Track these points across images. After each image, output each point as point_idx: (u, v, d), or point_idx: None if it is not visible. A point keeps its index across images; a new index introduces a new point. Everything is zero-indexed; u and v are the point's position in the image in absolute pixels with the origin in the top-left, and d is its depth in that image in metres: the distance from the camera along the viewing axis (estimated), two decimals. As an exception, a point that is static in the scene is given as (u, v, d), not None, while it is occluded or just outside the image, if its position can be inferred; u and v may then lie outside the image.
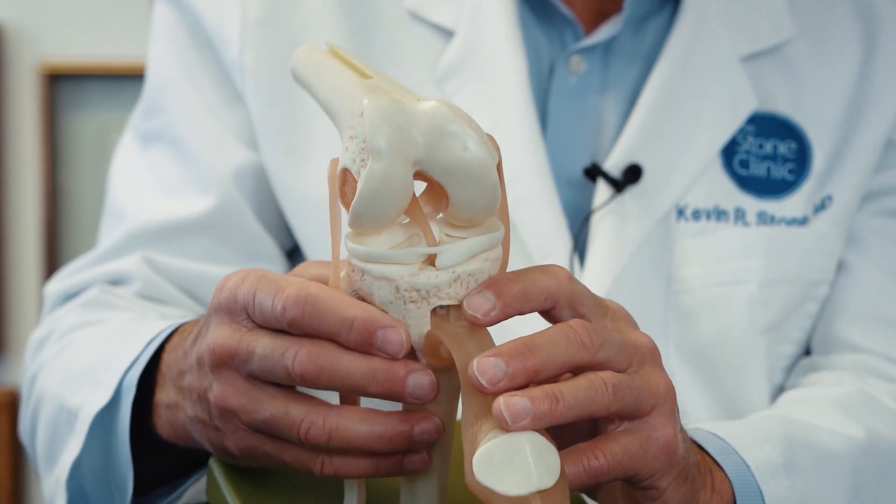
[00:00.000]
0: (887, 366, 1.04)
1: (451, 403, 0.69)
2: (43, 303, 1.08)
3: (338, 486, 0.72)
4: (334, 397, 0.69)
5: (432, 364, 0.66)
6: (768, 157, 1.06)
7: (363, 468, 0.68)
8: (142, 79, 1.11)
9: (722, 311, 1.03)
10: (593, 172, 1.02)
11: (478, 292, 0.65)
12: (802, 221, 1.05)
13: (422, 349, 0.66)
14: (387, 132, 0.62)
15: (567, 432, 0.71)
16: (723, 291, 1.03)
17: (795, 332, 1.06)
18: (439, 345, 0.66)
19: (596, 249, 1.01)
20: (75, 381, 0.91)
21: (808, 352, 1.09)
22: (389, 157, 0.62)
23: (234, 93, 1.04)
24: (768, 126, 1.06)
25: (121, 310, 1.00)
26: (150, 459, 0.85)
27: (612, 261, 1.01)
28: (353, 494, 0.70)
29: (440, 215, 0.66)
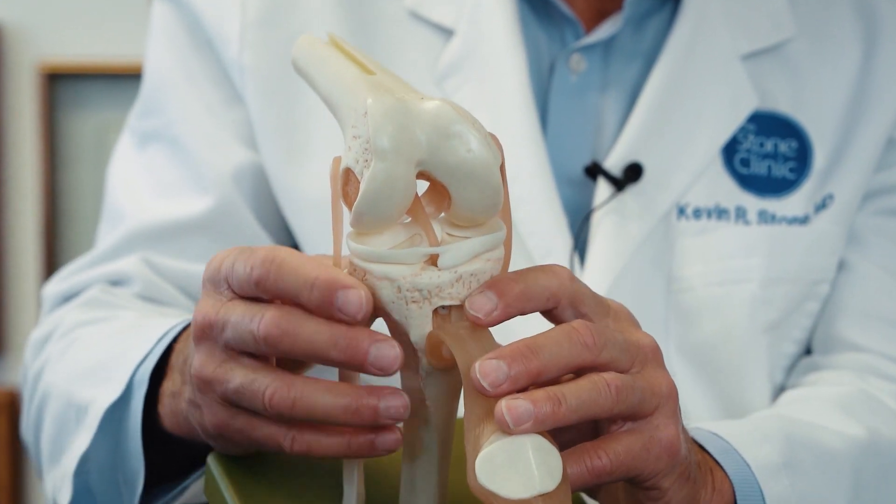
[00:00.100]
0: (888, 365, 1.04)
1: (453, 404, 0.69)
2: (41, 304, 1.08)
3: (337, 485, 0.72)
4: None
5: (434, 364, 0.66)
6: (769, 155, 1.06)
7: (334, 446, 0.67)
8: (141, 78, 1.10)
9: (723, 310, 1.03)
10: (594, 171, 1.02)
11: (479, 292, 0.65)
12: (803, 220, 1.05)
13: (423, 349, 0.66)
14: (391, 133, 0.62)
15: (569, 432, 0.71)
16: (724, 290, 1.03)
17: (796, 332, 1.06)
18: (441, 345, 0.65)
19: (596, 248, 1.01)
20: (83, 376, 0.91)
21: (808, 351, 1.08)
22: (393, 157, 0.62)
23: (233, 92, 1.04)
24: (769, 125, 1.06)
25: (123, 308, 0.99)
26: (156, 455, 0.85)
27: (613, 260, 1.01)
28: (352, 494, 0.70)
29: (442, 215, 0.66)
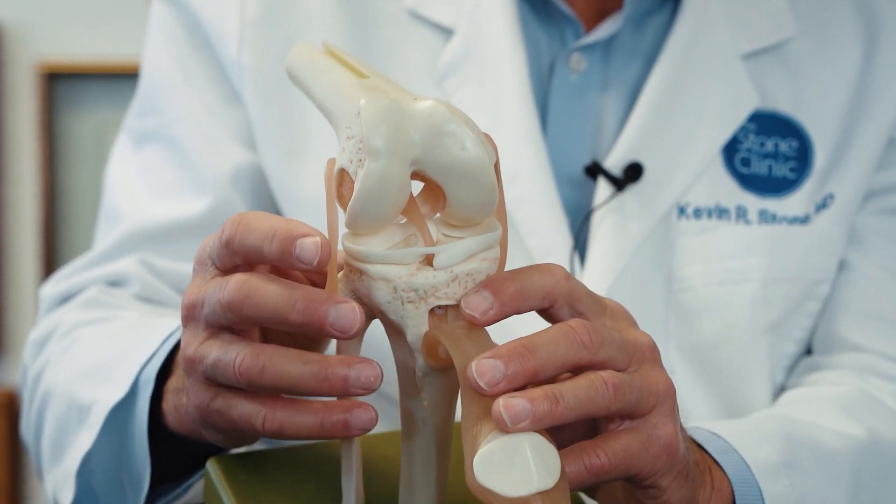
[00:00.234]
0: (888, 365, 1.03)
1: (451, 404, 0.69)
2: (38, 305, 1.08)
3: (336, 489, 0.72)
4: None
5: (431, 365, 0.66)
6: (769, 155, 1.05)
7: (307, 426, 0.66)
8: (139, 78, 1.10)
9: (723, 310, 1.02)
10: (594, 171, 1.02)
11: (475, 292, 0.65)
12: (804, 220, 1.05)
13: (420, 349, 0.66)
14: (384, 132, 0.62)
15: (567, 431, 0.71)
16: (724, 290, 1.02)
17: (797, 332, 1.06)
18: (438, 345, 0.65)
19: (596, 248, 1.01)
20: (86, 376, 0.91)
21: (809, 351, 1.08)
22: (387, 156, 0.62)
23: (231, 92, 1.04)
24: (769, 124, 1.06)
25: (123, 309, 0.99)
26: (161, 454, 0.85)
27: (613, 259, 1.00)
28: (351, 497, 0.70)
29: (438, 215, 0.66)
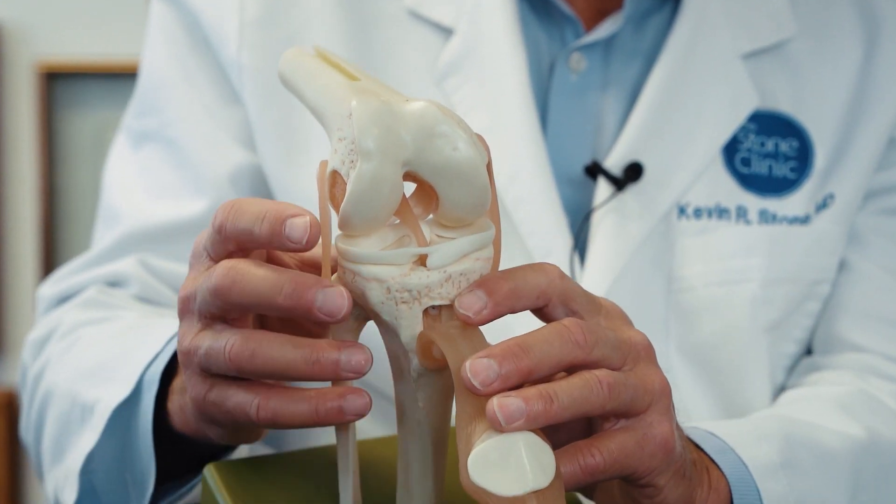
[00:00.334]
0: (888, 365, 1.03)
1: (446, 404, 0.69)
2: (36, 305, 1.08)
3: (334, 494, 0.72)
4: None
5: (426, 365, 0.66)
6: (770, 155, 1.05)
7: (301, 413, 0.66)
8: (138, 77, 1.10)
9: (723, 310, 1.02)
10: (594, 170, 1.02)
11: (469, 291, 0.65)
12: (804, 220, 1.04)
13: (415, 350, 0.66)
14: (375, 133, 0.62)
15: (562, 430, 0.71)
16: (724, 290, 1.02)
17: (797, 332, 1.06)
18: (432, 346, 0.65)
19: (596, 248, 1.01)
20: (88, 376, 0.91)
21: (809, 351, 1.08)
22: (378, 157, 0.62)
23: (231, 92, 1.04)
24: (770, 124, 1.06)
25: (122, 309, 0.99)
26: (164, 455, 0.85)
27: (613, 259, 1.00)
28: (348, 497, 0.70)
29: (431, 216, 0.66)
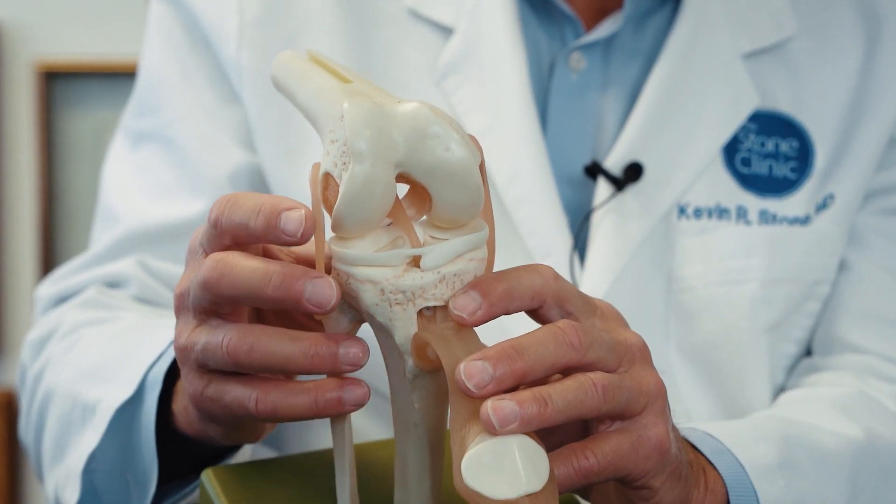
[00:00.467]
0: (888, 366, 1.03)
1: (442, 405, 0.68)
2: (34, 305, 1.08)
3: (332, 498, 0.72)
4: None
5: (420, 366, 0.66)
6: (770, 155, 1.05)
7: (301, 405, 0.66)
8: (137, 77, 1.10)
9: (723, 310, 1.02)
10: (594, 170, 1.02)
11: (463, 292, 0.65)
12: (804, 220, 1.04)
13: (409, 351, 0.66)
14: (367, 135, 0.62)
15: (558, 432, 0.71)
16: (724, 290, 1.02)
17: (797, 332, 1.05)
18: (427, 347, 0.65)
19: (596, 248, 1.01)
20: (90, 376, 0.91)
21: (809, 352, 1.08)
22: (371, 159, 0.62)
23: (230, 92, 1.04)
24: (770, 124, 1.06)
25: (122, 310, 0.99)
26: (167, 456, 0.85)
27: (613, 259, 1.00)
28: (345, 499, 0.70)
29: (424, 217, 0.66)
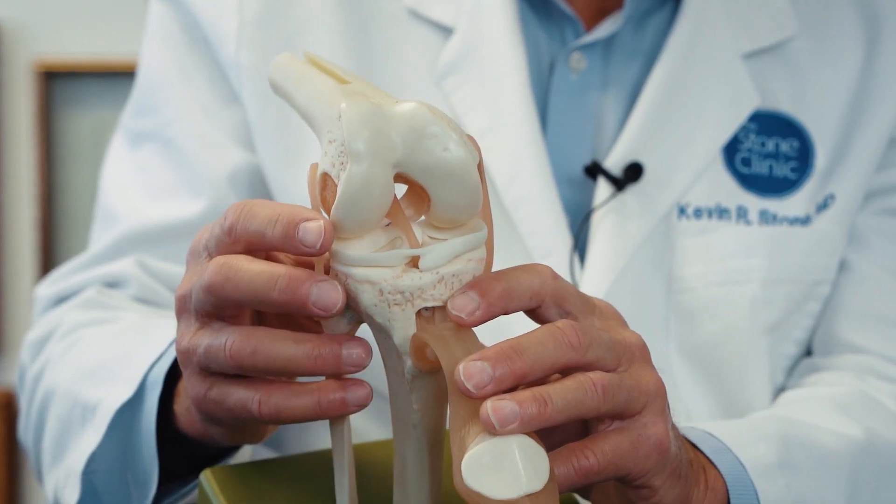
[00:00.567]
0: (888, 366, 1.03)
1: (441, 406, 0.68)
2: (34, 305, 1.08)
3: (330, 498, 0.71)
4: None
5: (420, 367, 0.66)
6: (770, 155, 1.05)
7: (304, 407, 0.66)
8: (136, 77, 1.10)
9: (724, 310, 1.02)
10: (594, 170, 1.02)
11: (461, 293, 0.65)
12: (805, 220, 1.04)
13: (408, 352, 0.66)
14: (365, 135, 0.62)
15: (558, 432, 0.71)
16: (724, 291, 1.02)
17: (797, 332, 1.05)
18: (426, 347, 0.65)
19: (596, 248, 1.00)
20: (90, 376, 0.91)
21: (809, 352, 1.08)
22: (369, 159, 0.62)
23: (229, 92, 1.04)
24: (770, 124, 1.05)
25: (122, 310, 0.99)
26: (168, 456, 0.85)
27: (613, 260, 1.00)
28: (344, 499, 0.70)
29: (422, 218, 0.66)
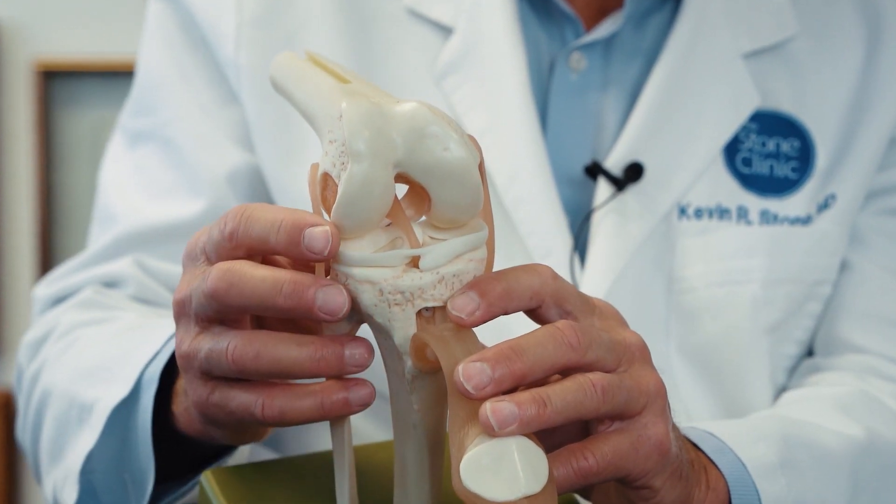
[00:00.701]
0: (889, 366, 1.03)
1: (442, 406, 0.68)
2: (32, 306, 1.08)
3: (330, 498, 0.71)
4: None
5: (420, 367, 0.66)
6: (771, 155, 1.05)
7: (308, 409, 0.66)
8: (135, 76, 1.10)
9: (724, 310, 1.02)
10: (594, 171, 1.02)
11: (461, 293, 0.65)
12: (805, 220, 1.04)
13: (408, 352, 0.65)
14: (366, 135, 0.62)
15: (558, 433, 0.71)
16: (725, 291, 1.02)
17: (798, 332, 1.05)
18: (426, 348, 0.65)
19: (597, 248, 1.00)
20: (87, 376, 0.91)
21: (811, 352, 1.08)
22: (369, 159, 0.62)
23: (228, 92, 1.04)
24: (771, 124, 1.05)
25: (120, 310, 0.99)
26: (165, 455, 0.84)
27: (613, 260, 1.00)
28: (345, 500, 0.70)
29: (423, 218, 0.66)
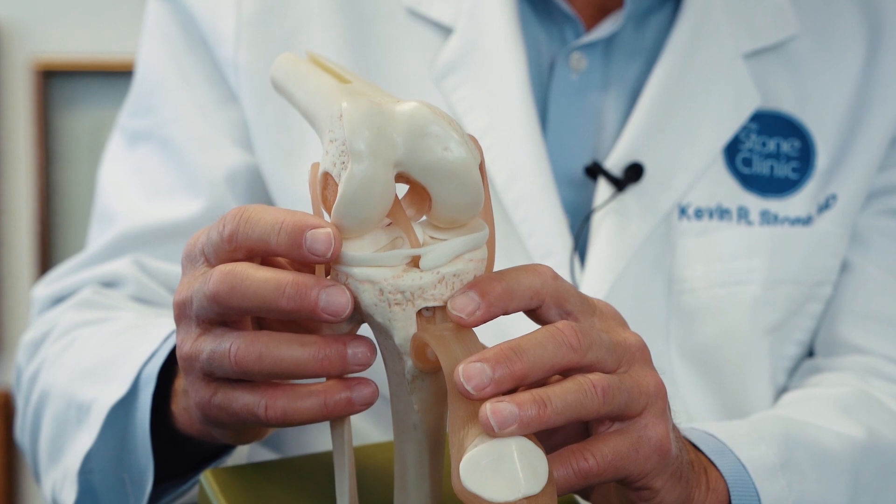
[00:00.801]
0: (890, 367, 1.03)
1: (442, 406, 0.68)
2: (30, 306, 1.08)
3: (330, 499, 0.71)
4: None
5: (420, 367, 0.66)
6: (771, 155, 1.05)
7: (311, 409, 0.66)
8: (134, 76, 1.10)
9: (725, 311, 1.02)
10: (594, 171, 1.01)
11: (462, 293, 0.65)
12: (806, 221, 1.04)
13: (409, 352, 0.65)
14: (366, 135, 0.62)
15: (558, 433, 0.71)
16: (725, 291, 1.02)
17: (798, 333, 1.05)
18: (426, 347, 0.65)
19: (597, 249, 1.00)
20: (85, 376, 0.91)
21: (811, 353, 1.07)
22: (370, 158, 0.62)
23: (227, 92, 1.03)
24: (772, 124, 1.05)
25: (119, 310, 0.99)
26: (164, 454, 0.84)
27: (614, 260, 1.00)
28: (345, 501, 0.70)
29: (423, 218, 0.66)
